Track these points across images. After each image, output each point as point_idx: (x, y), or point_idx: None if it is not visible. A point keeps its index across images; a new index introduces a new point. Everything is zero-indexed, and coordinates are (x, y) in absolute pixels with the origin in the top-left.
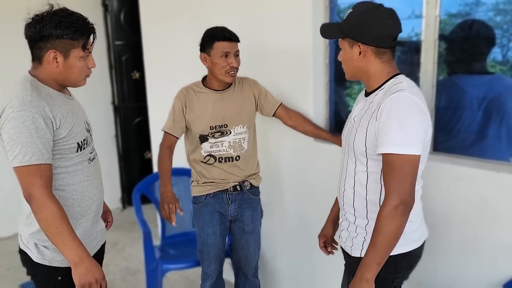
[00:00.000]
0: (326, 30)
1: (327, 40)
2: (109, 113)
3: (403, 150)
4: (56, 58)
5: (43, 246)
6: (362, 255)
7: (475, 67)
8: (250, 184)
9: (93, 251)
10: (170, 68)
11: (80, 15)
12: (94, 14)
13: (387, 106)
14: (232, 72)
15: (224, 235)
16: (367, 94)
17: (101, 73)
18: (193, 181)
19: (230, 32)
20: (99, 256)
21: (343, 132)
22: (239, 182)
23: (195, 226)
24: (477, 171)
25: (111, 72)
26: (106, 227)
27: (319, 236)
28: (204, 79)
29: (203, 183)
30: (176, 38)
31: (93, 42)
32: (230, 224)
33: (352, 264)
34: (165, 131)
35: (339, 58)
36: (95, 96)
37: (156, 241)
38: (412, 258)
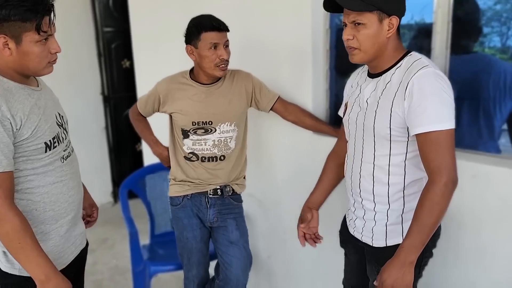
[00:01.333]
0: (348, 1)
1: (327, 24)
2: (98, 104)
3: (443, 125)
4: (8, 44)
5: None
6: (389, 244)
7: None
8: (232, 190)
9: (70, 257)
10: (160, 56)
11: None
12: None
13: (417, 84)
14: (223, 65)
15: (205, 239)
16: (375, 75)
17: (89, 62)
18: (170, 179)
19: (218, 20)
20: (79, 263)
21: (348, 117)
22: (220, 186)
23: (174, 229)
24: (494, 169)
25: (100, 61)
26: (87, 224)
27: (298, 225)
28: (192, 70)
29: (181, 181)
30: (166, 25)
31: (53, 23)
32: (213, 232)
33: (376, 254)
34: (137, 104)
35: (349, 36)
36: (83, 86)
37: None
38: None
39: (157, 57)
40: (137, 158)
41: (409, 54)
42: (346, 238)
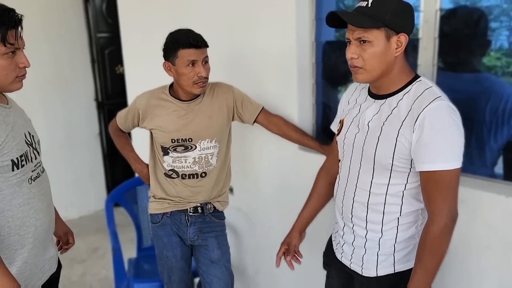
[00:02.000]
0: (352, 17)
1: (313, 37)
2: (92, 110)
3: (450, 165)
4: None
5: None
6: (379, 274)
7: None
8: (214, 207)
9: (38, 283)
10: (149, 64)
11: (2, 5)
12: (74, 5)
13: (429, 117)
14: (201, 83)
15: (186, 257)
16: (379, 96)
17: (82, 68)
18: (150, 196)
19: (196, 37)
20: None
21: (344, 137)
22: (201, 204)
23: (154, 246)
24: (483, 194)
25: (94, 67)
26: (61, 251)
27: (282, 243)
28: (172, 85)
29: (160, 198)
30: (155, 33)
31: (20, 36)
32: (194, 250)
33: (366, 284)
34: (116, 119)
35: (353, 55)
36: (77, 92)
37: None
38: None
39: (147, 64)
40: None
41: (418, 80)
42: (331, 261)
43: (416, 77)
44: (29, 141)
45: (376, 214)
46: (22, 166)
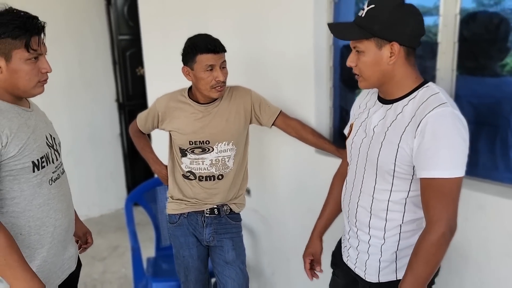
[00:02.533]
0: (343, 31)
1: (331, 41)
2: (113, 111)
3: (451, 173)
4: None
5: None
6: (381, 280)
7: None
8: (230, 209)
9: (57, 282)
10: (169, 66)
11: (26, 13)
12: (96, 8)
13: (431, 123)
14: (219, 87)
15: (203, 257)
16: (386, 102)
17: (104, 70)
18: (168, 196)
19: (214, 42)
20: (67, 286)
21: (352, 141)
22: (217, 205)
23: (172, 246)
24: (502, 200)
25: (115, 68)
26: (80, 250)
27: (305, 256)
28: (191, 88)
29: (178, 199)
30: (174, 35)
31: (43, 43)
32: (210, 251)
33: None
34: (137, 121)
35: (351, 63)
36: (99, 93)
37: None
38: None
39: (166, 66)
40: None
41: (425, 86)
42: (338, 262)
43: (424, 83)
44: (50, 143)
45: (379, 220)
46: (43, 167)
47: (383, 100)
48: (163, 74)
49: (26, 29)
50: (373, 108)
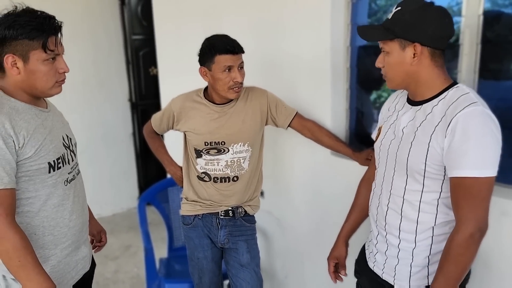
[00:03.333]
0: (368, 32)
1: (348, 41)
2: (126, 111)
3: (482, 172)
4: (16, 63)
5: (11, 279)
6: (412, 286)
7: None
8: (245, 211)
9: (70, 282)
10: (183, 66)
11: (43, 13)
12: (110, 8)
13: (462, 122)
14: (236, 88)
15: (217, 259)
16: (415, 103)
17: (118, 69)
18: (182, 197)
19: (232, 43)
20: (82, 286)
21: (380, 144)
22: (232, 207)
23: (186, 247)
24: None
25: (128, 68)
26: (95, 249)
27: (330, 259)
28: (207, 88)
29: (192, 200)
30: (188, 36)
31: (60, 43)
32: (224, 253)
33: None
34: (151, 121)
35: (379, 64)
36: (112, 93)
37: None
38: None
39: (180, 66)
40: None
41: (455, 86)
42: (363, 269)
43: (454, 83)
44: (66, 144)
45: (410, 222)
46: (59, 168)
47: (412, 102)
48: (177, 74)
49: (43, 30)
50: (402, 110)
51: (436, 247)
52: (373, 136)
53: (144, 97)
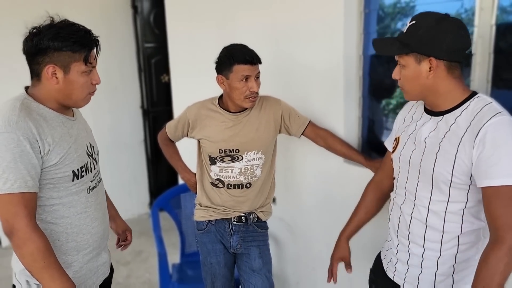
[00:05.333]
0: (384, 46)
1: (361, 50)
2: (138, 117)
3: None
4: (56, 74)
5: (35, 284)
6: None
7: None
8: (257, 217)
9: (93, 287)
10: (195, 74)
11: (82, 26)
12: (123, 16)
13: (491, 132)
14: (252, 97)
15: (230, 265)
16: (435, 113)
17: (130, 76)
18: (196, 203)
19: (251, 53)
20: None
21: (400, 154)
22: (245, 213)
23: (199, 252)
24: None
25: (140, 75)
26: (121, 248)
27: (334, 260)
28: (222, 97)
29: (206, 206)
30: (201, 44)
31: (97, 55)
32: (237, 259)
33: None
34: (166, 129)
35: (396, 76)
36: (124, 99)
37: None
38: None
39: (193, 74)
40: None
41: (476, 96)
42: (379, 278)
43: (474, 94)
44: (89, 152)
45: (435, 232)
46: (82, 177)
47: (431, 112)
48: (189, 81)
49: (85, 43)
50: (420, 120)
51: (461, 256)
52: (388, 145)
53: (156, 104)
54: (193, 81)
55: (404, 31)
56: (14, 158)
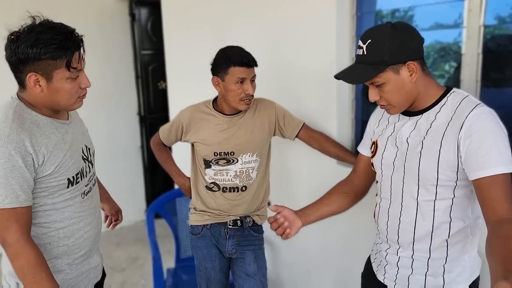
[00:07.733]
0: (355, 75)
1: (353, 53)
2: (134, 124)
3: (508, 168)
4: (39, 82)
5: None
6: None
7: None
8: (253, 220)
9: None
10: (192, 80)
11: (64, 27)
12: (121, 24)
13: (476, 123)
14: (247, 100)
15: (225, 270)
16: (413, 113)
17: (127, 83)
18: (191, 208)
19: (247, 56)
20: None
21: (382, 157)
22: (240, 217)
23: (194, 257)
24: None
25: (137, 82)
26: (110, 226)
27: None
28: (216, 100)
29: (201, 210)
30: (198, 51)
31: (83, 57)
32: (232, 263)
33: None
34: (159, 133)
35: (375, 97)
36: (121, 106)
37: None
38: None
39: (189, 80)
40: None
41: (452, 91)
42: (370, 282)
43: (449, 89)
44: (85, 156)
45: (424, 233)
46: (77, 183)
47: (409, 113)
48: (185, 88)
49: (67, 47)
50: (399, 122)
51: (451, 255)
52: (361, 150)
53: (153, 111)
54: (189, 88)
55: (365, 53)
56: (5, 173)
